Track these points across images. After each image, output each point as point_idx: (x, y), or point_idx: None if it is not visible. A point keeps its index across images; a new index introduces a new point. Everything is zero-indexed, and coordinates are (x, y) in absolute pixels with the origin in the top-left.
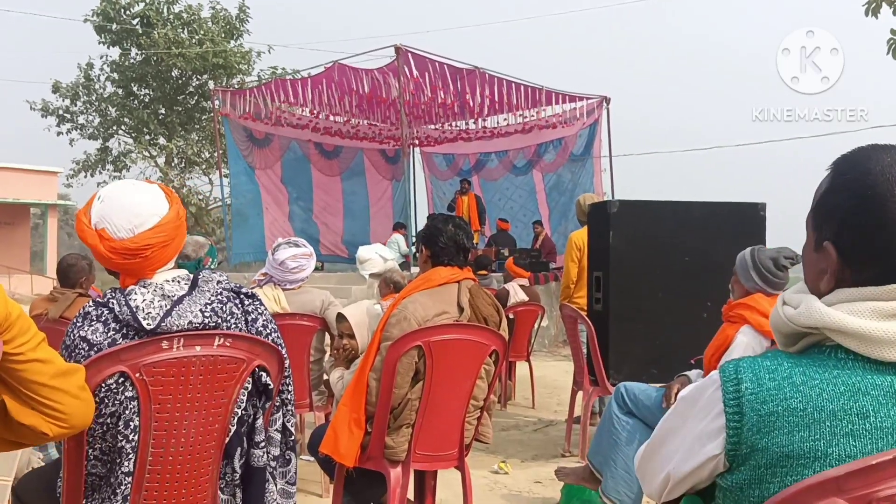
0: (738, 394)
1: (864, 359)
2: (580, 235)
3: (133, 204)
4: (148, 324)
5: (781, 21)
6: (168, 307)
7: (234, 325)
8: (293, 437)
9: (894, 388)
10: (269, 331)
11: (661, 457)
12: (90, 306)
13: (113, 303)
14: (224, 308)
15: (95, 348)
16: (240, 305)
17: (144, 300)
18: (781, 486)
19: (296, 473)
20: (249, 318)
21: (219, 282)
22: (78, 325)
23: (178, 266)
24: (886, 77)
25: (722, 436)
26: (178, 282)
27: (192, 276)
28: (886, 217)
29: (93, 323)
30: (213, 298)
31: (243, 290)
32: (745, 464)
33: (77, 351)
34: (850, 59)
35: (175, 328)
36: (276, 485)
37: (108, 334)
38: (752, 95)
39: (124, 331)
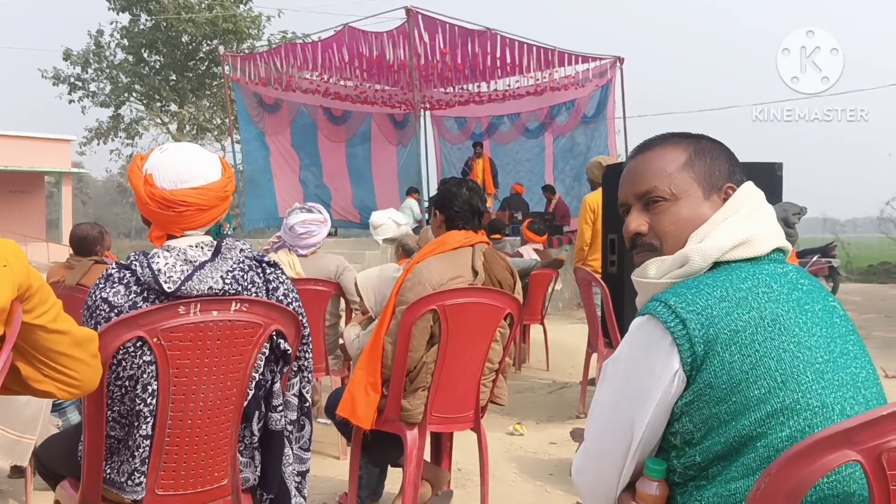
0: (671, 307)
1: (742, 262)
2: (594, 198)
3: (186, 161)
4: (168, 287)
5: None
6: (189, 272)
7: (254, 294)
8: (308, 404)
9: (775, 270)
10: (290, 300)
11: (613, 431)
12: (113, 268)
13: (136, 265)
14: (245, 276)
15: (116, 310)
16: (261, 274)
17: (167, 264)
18: (743, 357)
19: (310, 440)
20: (270, 287)
21: (241, 250)
22: (100, 286)
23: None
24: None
25: (674, 350)
26: (202, 248)
27: (215, 242)
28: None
29: (115, 285)
30: (234, 266)
31: (265, 259)
32: (706, 361)
33: (98, 312)
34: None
35: (195, 293)
36: (292, 448)
37: (130, 297)
38: (770, 57)
39: (145, 294)
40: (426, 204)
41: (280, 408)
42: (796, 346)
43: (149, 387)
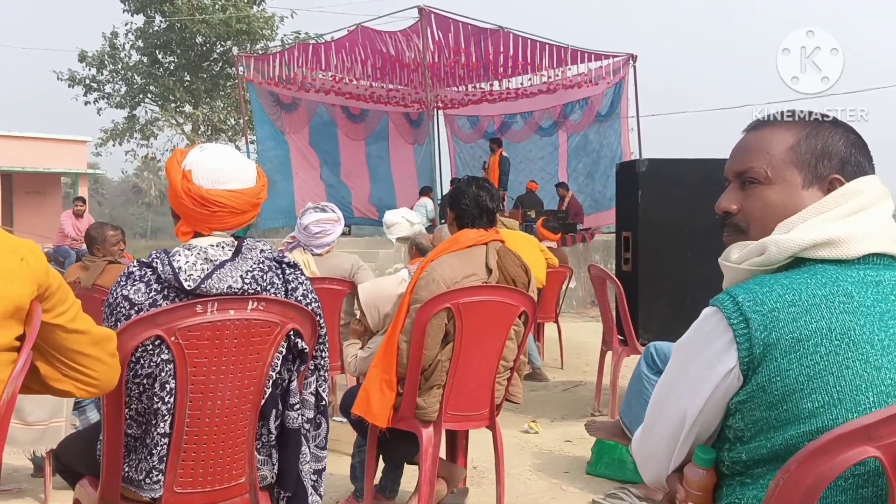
0: (738, 304)
1: (829, 263)
2: None
3: (226, 163)
4: (188, 284)
5: None
6: (210, 270)
7: (273, 294)
8: (325, 402)
9: (865, 278)
10: (308, 300)
11: (668, 413)
12: (134, 266)
13: (157, 262)
14: (265, 277)
15: (137, 308)
16: (281, 275)
17: (187, 262)
18: (801, 368)
19: (326, 438)
20: (290, 288)
21: (262, 250)
22: (121, 284)
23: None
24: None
25: (733, 348)
26: (223, 247)
27: (236, 242)
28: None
29: (136, 283)
30: (254, 266)
31: (285, 260)
32: (763, 364)
33: (119, 309)
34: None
35: (214, 291)
36: (308, 447)
37: (150, 294)
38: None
39: (165, 291)
40: (440, 203)
41: (297, 406)
42: (863, 363)
43: (167, 385)
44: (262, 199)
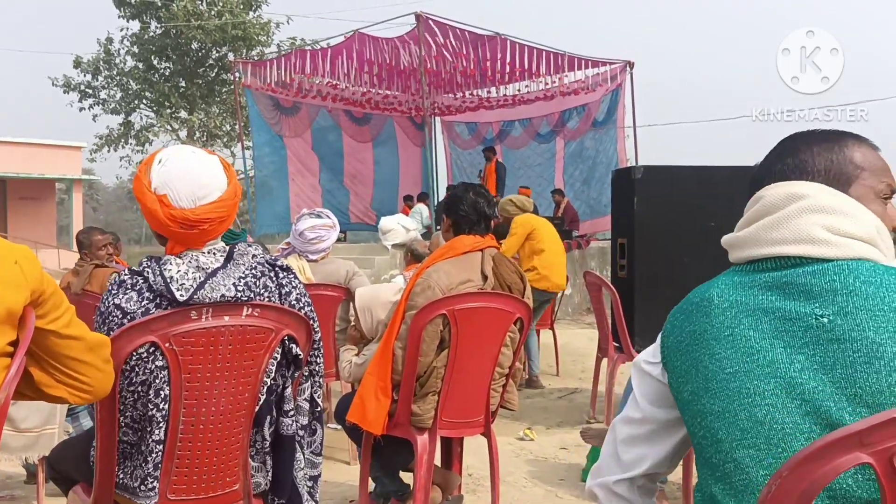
0: (675, 308)
1: (744, 266)
2: (527, 218)
3: (197, 174)
4: (181, 295)
5: None
6: (202, 279)
7: (266, 300)
8: (320, 408)
9: (741, 282)
10: (301, 304)
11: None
12: (126, 275)
13: (148, 272)
14: (258, 282)
15: (129, 316)
16: (274, 279)
17: (179, 271)
18: (680, 363)
19: (321, 444)
20: (283, 292)
21: (254, 255)
22: (113, 292)
23: (226, 238)
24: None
25: (660, 347)
26: (214, 254)
27: (227, 248)
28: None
29: (127, 291)
30: (247, 272)
31: (278, 263)
32: (668, 359)
33: (111, 318)
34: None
35: (208, 300)
36: (303, 453)
37: (142, 303)
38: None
39: (157, 300)
40: (435, 209)
41: (291, 412)
42: (709, 358)
43: (161, 392)
44: (239, 196)
